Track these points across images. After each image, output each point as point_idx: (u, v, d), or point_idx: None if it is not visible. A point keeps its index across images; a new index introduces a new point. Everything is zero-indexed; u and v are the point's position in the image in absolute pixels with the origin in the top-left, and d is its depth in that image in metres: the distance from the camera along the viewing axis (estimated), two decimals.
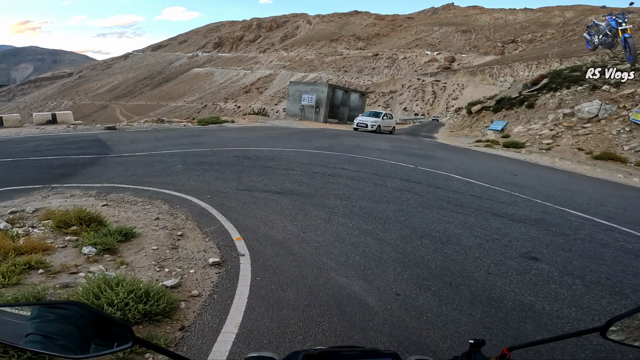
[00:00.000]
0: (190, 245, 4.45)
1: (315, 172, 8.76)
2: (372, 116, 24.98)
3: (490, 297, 3.38)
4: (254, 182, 7.58)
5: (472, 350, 0.83)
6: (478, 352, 0.82)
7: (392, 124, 26.12)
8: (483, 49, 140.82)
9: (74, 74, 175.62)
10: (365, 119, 24.04)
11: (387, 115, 26.15)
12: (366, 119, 24.01)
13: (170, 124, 19.36)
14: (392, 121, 26.31)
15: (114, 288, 3.01)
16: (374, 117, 24.42)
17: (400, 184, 8.06)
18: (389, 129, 25.45)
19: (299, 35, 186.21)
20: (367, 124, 23.45)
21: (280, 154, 11.24)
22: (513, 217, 6.09)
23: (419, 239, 4.82)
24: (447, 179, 8.94)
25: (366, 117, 24.65)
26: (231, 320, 2.95)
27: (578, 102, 22.58)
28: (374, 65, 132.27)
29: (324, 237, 4.71)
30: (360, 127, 23.61)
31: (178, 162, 9.46)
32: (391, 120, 26.26)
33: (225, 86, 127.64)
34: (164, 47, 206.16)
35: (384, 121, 24.70)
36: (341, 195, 6.80)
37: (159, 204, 6.08)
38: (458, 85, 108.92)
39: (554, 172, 12.65)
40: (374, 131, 22.91)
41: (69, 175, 8.02)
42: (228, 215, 5.44)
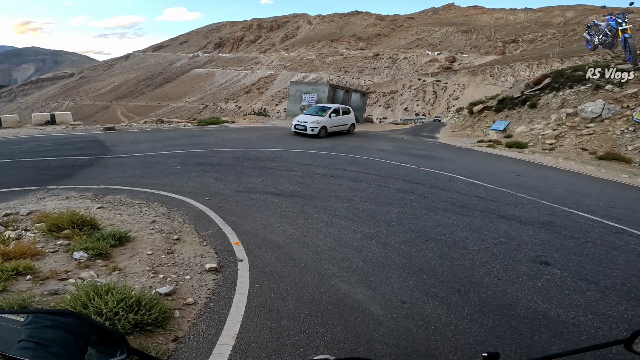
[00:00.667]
0: (186, 249, 4.29)
1: (316, 173, 8.59)
2: (315, 114, 17.42)
3: (501, 304, 3.21)
4: (253, 184, 7.41)
5: None
6: None
7: (348, 120, 18.82)
8: (484, 49, 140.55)
9: (75, 74, 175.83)
10: (304, 119, 16.63)
11: (341, 110, 18.38)
12: (305, 119, 16.62)
13: (170, 125, 19.21)
14: (347, 117, 18.78)
15: (103, 296, 2.85)
16: (316, 116, 16.90)
17: (403, 185, 7.88)
18: (343, 128, 18.49)
19: (299, 36, 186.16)
20: (306, 126, 16.15)
21: (280, 154, 11.07)
22: (520, 219, 5.91)
23: (424, 242, 4.64)
24: (451, 180, 8.75)
25: (306, 116, 17.14)
26: (228, 331, 2.79)
27: (581, 102, 22.37)
28: (375, 66, 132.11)
29: (325, 241, 4.54)
30: (299, 129, 16.46)
31: (177, 163, 9.31)
32: (347, 116, 18.69)
33: (226, 87, 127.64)
34: (165, 47, 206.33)
35: (334, 119, 17.24)
36: (343, 197, 6.63)
37: (156, 207, 5.93)
38: (459, 85, 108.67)
39: (559, 172, 12.45)
40: (316, 135, 15.94)
41: (66, 177, 7.88)
42: (226, 218, 5.28)
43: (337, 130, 17.68)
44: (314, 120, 16.36)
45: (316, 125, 16.07)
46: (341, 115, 18.06)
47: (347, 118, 18.83)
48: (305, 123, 16.31)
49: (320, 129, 16.12)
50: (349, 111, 19.16)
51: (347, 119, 18.85)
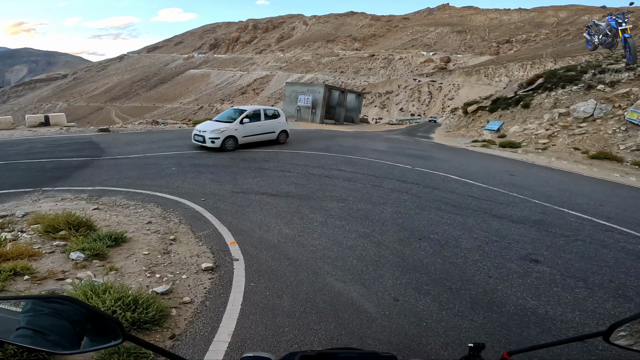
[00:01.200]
0: (182, 250, 4.33)
1: (311, 174, 8.66)
2: (223, 120, 12.80)
3: (491, 301, 3.28)
4: (249, 185, 7.46)
5: (472, 354, 0.81)
6: (477, 356, 0.81)
7: (275, 127, 13.69)
8: (478, 49, 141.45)
9: (68, 75, 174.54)
10: (205, 127, 12.15)
11: (263, 113, 13.27)
12: (206, 127, 12.13)
13: (165, 126, 19.19)
14: (274, 123, 13.59)
15: (101, 295, 2.90)
16: (223, 123, 12.40)
17: (398, 185, 7.97)
18: (268, 136, 13.44)
19: (295, 36, 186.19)
20: (204, 137, 11.65)
21: (276, 155, 11.13)
22: (512, 218, 6.01)
23: (417, 241, 4.72)
24: (445, 180, 8.85)
25: (211, 123, 12.67)
26: (224, 328, 2.84)
27: (573, 101, 22.63)
28: (370, 66, 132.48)
29: (320, 241, 4.60)
30: (197, 141, 11.95)
31: (172, 165, 9.33)
32: (273, 121, 13.55)
33: (221, 87, 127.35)
34: (160, 48, 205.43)
35: (249, 126, 12.49)
36: (338, 197, 6.69)
37: (152, 208, 5.95)
38: (454, 86, 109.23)
39: (551, 172, 12.61)
40: (220, 149, 11.62)
41: (61, 178, 7.88)
42: (222, 219, 5.32)
43: (256, 140, 12.91)
44: (216, 129, 11.77)
45: (217, 135, 11.54)
46: (262, 121, 13.08)
47: (274, 124, 13.64)
48: (204, 133, 11.73)
49: (225, 140, 11.66)
50: (278, 114, 13.99)
51: (274, 125, 13.65)
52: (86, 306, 0.67)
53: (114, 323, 0.68)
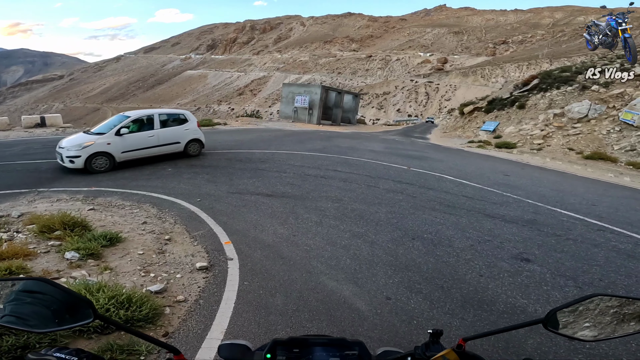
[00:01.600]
0: (177, 249, 4.35)
1: (307, 175, 8.70)
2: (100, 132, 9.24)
3: (482, 300, 3.33)
4: (245, 185, 7.49)
5: (432, 340, 0.87)
6: (437, 342, 0.86)
7: (180, 137, 10.34)
8: (475, 50, 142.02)
9: (65, 76, 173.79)
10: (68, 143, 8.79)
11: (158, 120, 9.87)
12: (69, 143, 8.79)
13: None
14: (178, 132, 10.30)
15: (95, 294, 2.92)
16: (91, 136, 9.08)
17: (393, 185, 8.02)
18: (171, 148, 10.18)
19: (292, 37, 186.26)
20: (62, 154, 8.62)
21: (272, 156, 11.16)
22: (505, 218, 6.07)
23: (410, 241, 4.77)
24: (440, 180, 8.92)
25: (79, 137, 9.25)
26: (217, 326, 2.87)
27: (568, 102, 22.79)
28: (368, 67, 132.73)
29: (314, 240, 4.64)
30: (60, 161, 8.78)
31: (168, 165, 9.35)
32: (175, 129, 10.27)
33: (218, 88, 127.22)
34: (157, 49, 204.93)
35: (133, 138, 9.28)
36: (333, 197, 6.74)
37: (147, 208, 5.98)
38: (451, 87, 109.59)
39: (545, 172, 12.71)
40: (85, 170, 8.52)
41: (57, 179, 7.89)
42: (217, 219, 5.35)
43: (148, 154, 9.68)
44: (78, 144, 8.65)
45: (77, 153, 8.47)
46: (157, 129, 9.76)
47: (177, 132, 10.29)
48: (62, 150, 8.72)
49: (90, 158, 8.52)
50: (185, 119, 10.58)
51: (178, 134, 10.30)
52: (59, 286, 0.70)
53: (86, 303, 0.71)
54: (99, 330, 2.68)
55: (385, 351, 0.93)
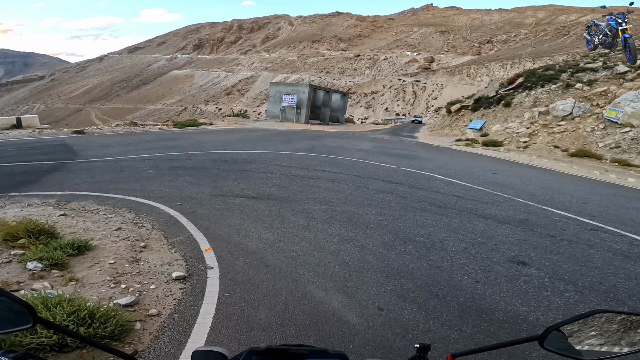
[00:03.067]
0: (153, 257, 4.04)
1: (294, 175, 8.42)
2: None
3: (480, 308, 3.12)
4: (229, 187, 7.18)
5: (419, 355, 0.83)
6: (424, 357, 0.83)
7: None
8: (461, 49, 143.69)
9: (46, 76, 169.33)
10: None
11: None
12: None
13: (145, 128, 18.62)
14: None
15: (52, 309, 2.61)
16: None
17: (382, 185, 7.81)
18: None
19: (280, 37, 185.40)
20: None
21: (259, 156, 10.85)
22: (497, 218, 5.92)
23: (402, 245, 4.54)
24: (430, 180, 8.75)
25: None
26: (192, 343, 2.59)
27: (552, 100, 23.06)
28: (356, 66, 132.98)
29: (301, 246, 4.37)
30: None
31: (149, 167, 8.95)
32: None
33: (205, 88, 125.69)
34: (142, 49, 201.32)
35: None
36: (321, 199, 6.48)
37: (124, 213, 5.62)
38: (437, 86, 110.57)
39: (533, 170, 12.72)
40: None
41: (30, 183, 7.44)
42: (198, 224, 5.04)
43: None
44: None
45: None
46: None
47: None
48: None
49: None
50: None
51: None
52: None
53: (24, 307, 0.67)
54: (57, 348, 2.38)
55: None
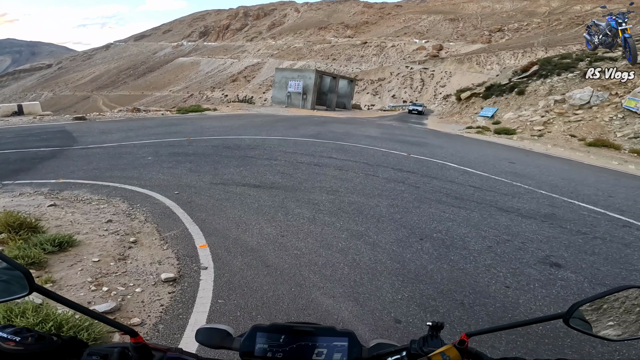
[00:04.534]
0: (143, 255, 3.64)
1: (300, 162, 7.97)
2: None
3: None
4: (230, 175, 6.76)
5: (431, 334, 0.78)
6: (436, 336, 0.77)
7: None
8: (470, 38, 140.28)
9: (53, 65, 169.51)
10: None
11: None
12: None
13: (147, 114, 18.20)
14: None
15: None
16: None
17: (393, 174, 7.32)
18: None
19: (286, 24, 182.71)
20: None
21: (263, 142, 10.39)
22: (520, 211, 5.43)
23: (418, 242, 4.09)
24: (443, 168, 8.24)
25: None
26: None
27: (569, 89, 22.18)
28: (363, 54, 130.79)
29: (306, 242, 3.94)
30: None
31: (149, 154, 8.56)
32: None
33: (211, 75, 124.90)
34: (147, 37, 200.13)
35: None
36: (328, 188, 6.03)
37: (117, 203, 5.24)
38: (446, 73, 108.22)
39: (550, 159, 12.11)
40: None
41: (24, 171, 7.10)
42: (195, 216, 4.63)
43: None
44: None
45: None
46: None
47: None
48: None
49: None
50: None
51: None
52: None
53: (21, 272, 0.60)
54: None
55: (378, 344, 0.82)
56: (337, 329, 0.76)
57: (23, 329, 0.61)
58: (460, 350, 0.69)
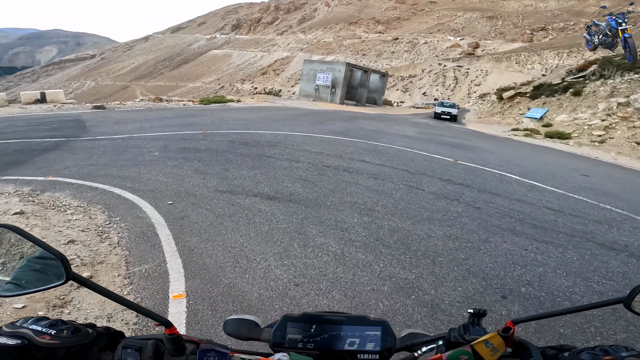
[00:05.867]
0: (91, 302, 2.48)
1: (326, 166, 6.66)
2: None
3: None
4: (242, 179, 5.55)
5: (472, 321, 0.72)
6: (478, 324, 0.72)
7: None
8: (510, 36, 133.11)
9: (96, 55, 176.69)
10: None
11: None
12: None
13: (169, 103, 17.45)
14: None
15: None
16: None
17: (442, 186, 5.87)
18: None
19: (317, 18, 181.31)
20: None
21: (285, 139, 9.15)
22: (631, 250, 3.88)
23: (501, 302, 2.69)
24: (503, 181, 6.69)
25: None
26: None
27: (634, 91, 19.65)
28: (394, 49, 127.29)
29: (330, 299, 2.63)
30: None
31: (157, 148, 7.53)
32: None
33: (242, 68, 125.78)
34: (183, 29, 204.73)
35: None
36: (361, 205, 4.69)
37: (95, 213, 4.16)
38: (481, 72, 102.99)
39: (629, 172, 10.15)
40: None
41: (17, 164, 6.24)
42: (182, 242, 3.43)
43: None
44: None
45: None
46: None
47: None
48: None
49: None
50: None
51: None
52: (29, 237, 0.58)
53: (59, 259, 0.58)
54: None
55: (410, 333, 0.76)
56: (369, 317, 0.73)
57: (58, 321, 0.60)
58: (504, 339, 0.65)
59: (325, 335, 0.70)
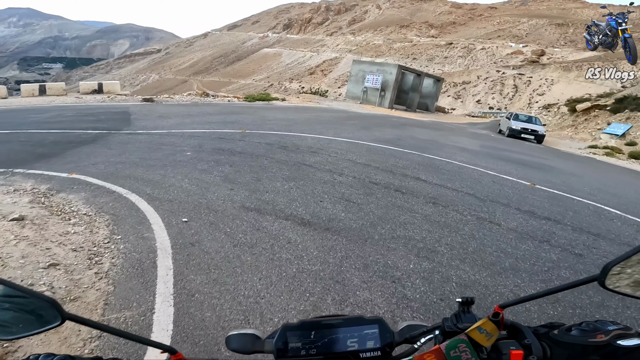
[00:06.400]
0: None
1: (374, 182, 5.66)
2: None
3: None
4: (274, 193, 4.74)
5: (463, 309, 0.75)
6: (468, 311, 0.74)
7: None
8: (582, 45, 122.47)
9: (162, 50, 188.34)
10: None
11: None
12: None
13: (214, 99, 17.32)
14: None
15: None
16: None
17: (523, 221, 4.62)
18: None
19: (367, 20, 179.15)
20: None
21: (328, 145, 8.26)
22: None
23: None
24: (601, 216, 5.27)
25: None
26: None
27: None
28: (447, 55, 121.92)
29: None
30: None
31: (190, 147, 7.01)
32: None
33: (291, 67, 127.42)
34: (239, 27, 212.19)
35: None
36: (419, 241, 3.65)
37: (98, 227, 3.56)
38: (546, 81, 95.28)
39: None
40: None
41: (48, 157, 6.00)
42: (183, 280, 2.64)
43: None
44: None
45: None
46: None
47: None
48: None
49: None
50: None
51: None
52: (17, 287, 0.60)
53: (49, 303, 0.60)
54: None
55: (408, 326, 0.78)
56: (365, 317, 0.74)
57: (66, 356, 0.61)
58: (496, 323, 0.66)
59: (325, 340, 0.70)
